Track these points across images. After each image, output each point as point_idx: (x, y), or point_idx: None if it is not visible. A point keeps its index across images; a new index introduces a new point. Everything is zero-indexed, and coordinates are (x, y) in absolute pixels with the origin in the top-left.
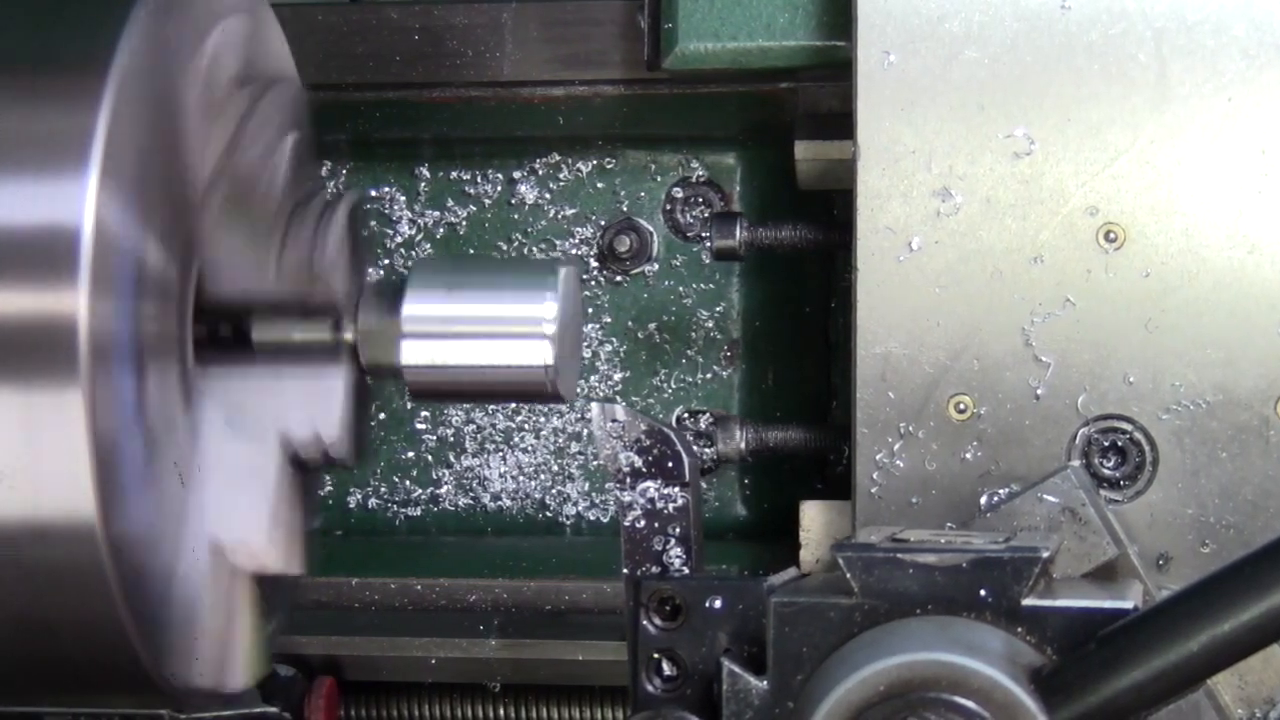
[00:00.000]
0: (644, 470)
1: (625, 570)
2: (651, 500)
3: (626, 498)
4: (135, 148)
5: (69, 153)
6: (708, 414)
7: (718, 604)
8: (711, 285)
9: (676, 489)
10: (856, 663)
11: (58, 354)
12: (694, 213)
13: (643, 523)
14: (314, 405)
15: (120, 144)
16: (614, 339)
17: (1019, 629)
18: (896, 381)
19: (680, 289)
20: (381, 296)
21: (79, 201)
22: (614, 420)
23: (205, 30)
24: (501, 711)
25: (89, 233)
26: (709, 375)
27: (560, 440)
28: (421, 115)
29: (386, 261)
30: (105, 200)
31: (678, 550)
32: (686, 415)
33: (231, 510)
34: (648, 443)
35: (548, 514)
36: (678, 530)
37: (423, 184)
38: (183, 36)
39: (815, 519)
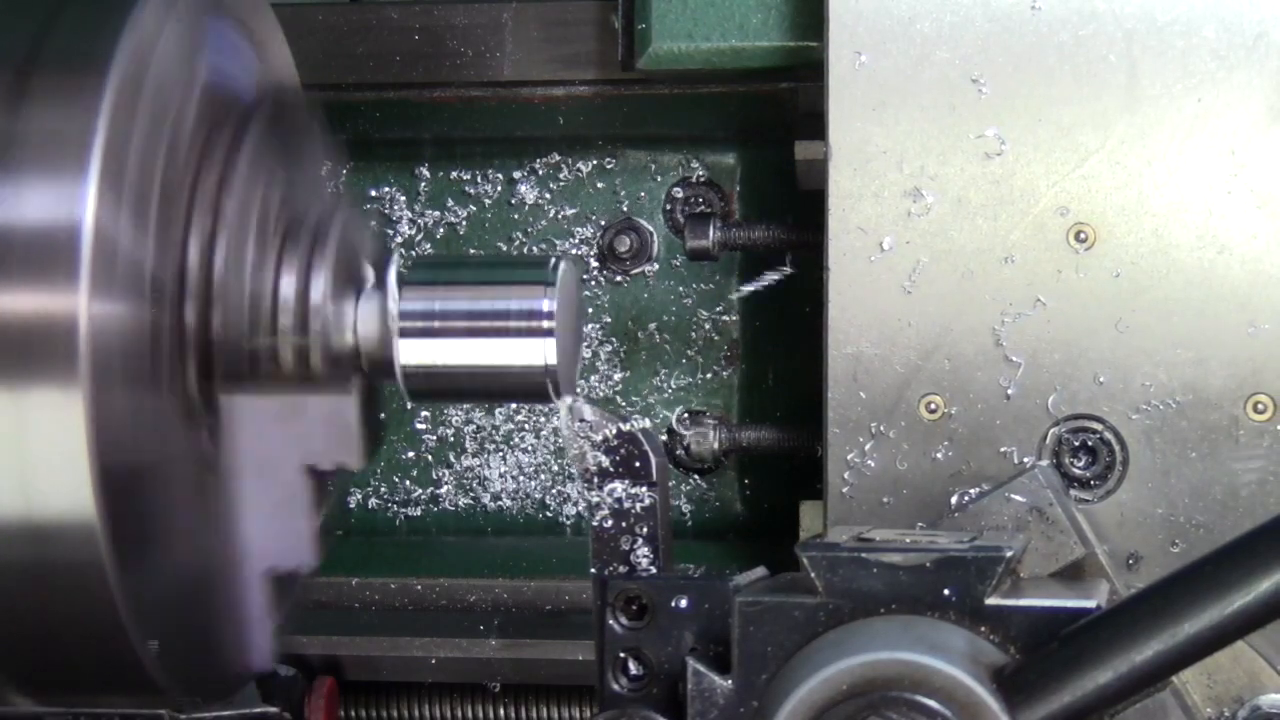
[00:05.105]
0: (612, 470)
1: (593, 570)
2: (619, 500)
3: (594, 498)
4: (135, 148)
5: (69, 153)
6: (708, 414)
7: (684, 603)
8: (711, 285)
9: (644, 489)
10: (820, 662)
11: (58, 354)
12: (694, 213)
13: (610, 523)
14: (327, 421)
15: (120, 144)
16: (614, 339)
17: (982, 628)
18: (868, 381)
19: (680, 289)
20: (380, 295)
21: (79, 201)
22: (582, 420)
23: (206, 31)
24: (501, 711)
25: (89, 233)
26: (709, 375)
27: (560, 440)
28: (421, 115)
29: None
30: (105, 200)
31: (645, 550)
32: (686, 415)
33: (231, 507)
34: (615, 443)
35: (548, 514)
36: (645, 530)
37: (423, 184)
38: (184, 37)
39: (815, 519)
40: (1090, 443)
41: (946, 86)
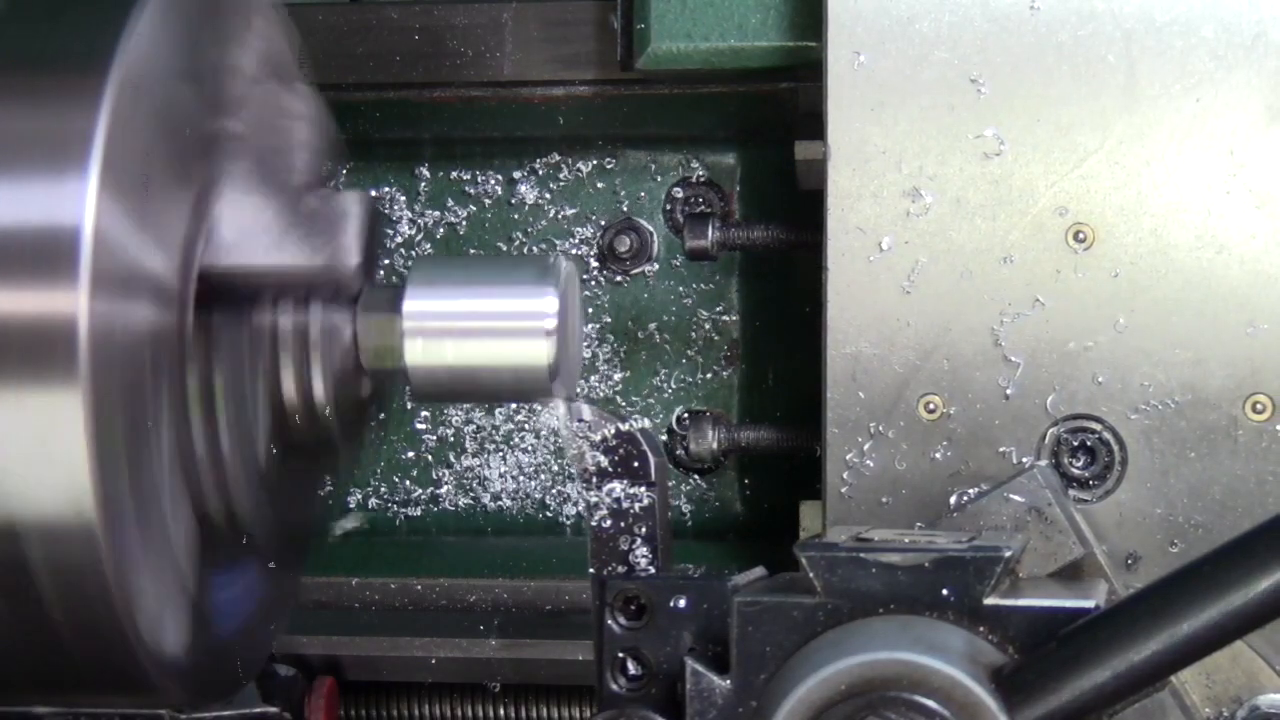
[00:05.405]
0: (611, 470)
1: (592, 570)
2: (618, 500)
3: (593, 498)
4: (136, 148)
5: (69, 153)
6: (708, 414)
7: (682, 603)
8: (711, 285)
9: (643, 489)
10: (818, 662)
11: (58, 354)
12: (694, 213)
13: (609, 523)
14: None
15: (120, 144)
16: (614, 339)
17: (981, 628)
18: (866, 381)
19: (680, 289)
20: (382, 295)
21: (79, 201)
22: (581, 420)
23: (206, 30)
24: (501, 711)
25: (89, 233)
26: (709, 375)
27: (560, 440)
28: (421, 115)
29: (387, 261)
30: (105, 200)
31: (644, 550)
32: (686, 415)
33: (232, 507)
34: (614, 443)
35: (548, 514)
36: (644, 530)
37: (423, 184)
38: (184, 36)
39: (815, 519)
40: (1089, 443)
41: (945, 86)
